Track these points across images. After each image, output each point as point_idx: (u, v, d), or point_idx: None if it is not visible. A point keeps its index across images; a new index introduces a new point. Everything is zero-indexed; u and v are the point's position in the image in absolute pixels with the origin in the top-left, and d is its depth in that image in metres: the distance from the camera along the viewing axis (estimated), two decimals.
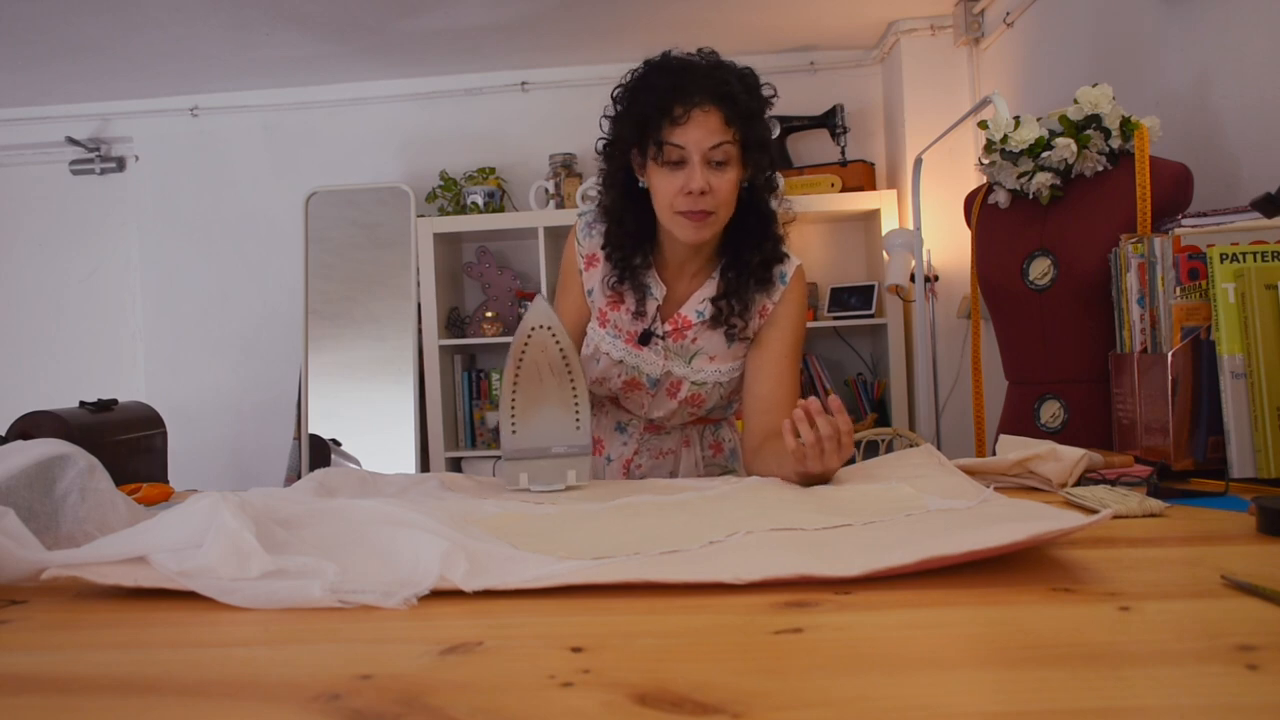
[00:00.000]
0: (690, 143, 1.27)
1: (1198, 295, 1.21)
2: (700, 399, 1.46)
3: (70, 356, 3.90)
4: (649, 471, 1.53)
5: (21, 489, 0.82)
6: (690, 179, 1.28)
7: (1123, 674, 0.50)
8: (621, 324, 1.44)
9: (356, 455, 3.36)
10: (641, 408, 1.48)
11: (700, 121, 1.27)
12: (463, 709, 0.48)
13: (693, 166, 1.28)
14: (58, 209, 3.93)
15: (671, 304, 1.44)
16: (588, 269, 1.46)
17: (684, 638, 0.59)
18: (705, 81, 1.28)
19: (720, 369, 1.44)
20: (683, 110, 1.27)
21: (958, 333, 3.12)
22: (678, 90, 1.27)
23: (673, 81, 1.28)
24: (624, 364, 1.43)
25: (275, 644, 0.61)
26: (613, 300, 1.44)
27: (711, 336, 1.43)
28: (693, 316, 1.43)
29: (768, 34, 3.39)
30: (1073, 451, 1.11)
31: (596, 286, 1.46)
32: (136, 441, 1.90)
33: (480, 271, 3.59)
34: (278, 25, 3.08)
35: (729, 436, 1.60)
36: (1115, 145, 1.64)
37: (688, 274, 1.44)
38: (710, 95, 1.27)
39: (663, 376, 1.44)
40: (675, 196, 1.30)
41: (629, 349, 1.43)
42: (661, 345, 1.43)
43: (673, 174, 1.30)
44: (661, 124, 1.27)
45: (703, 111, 1.27)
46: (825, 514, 0.90)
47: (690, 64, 1.31)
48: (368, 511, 0.87)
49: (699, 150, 1.27)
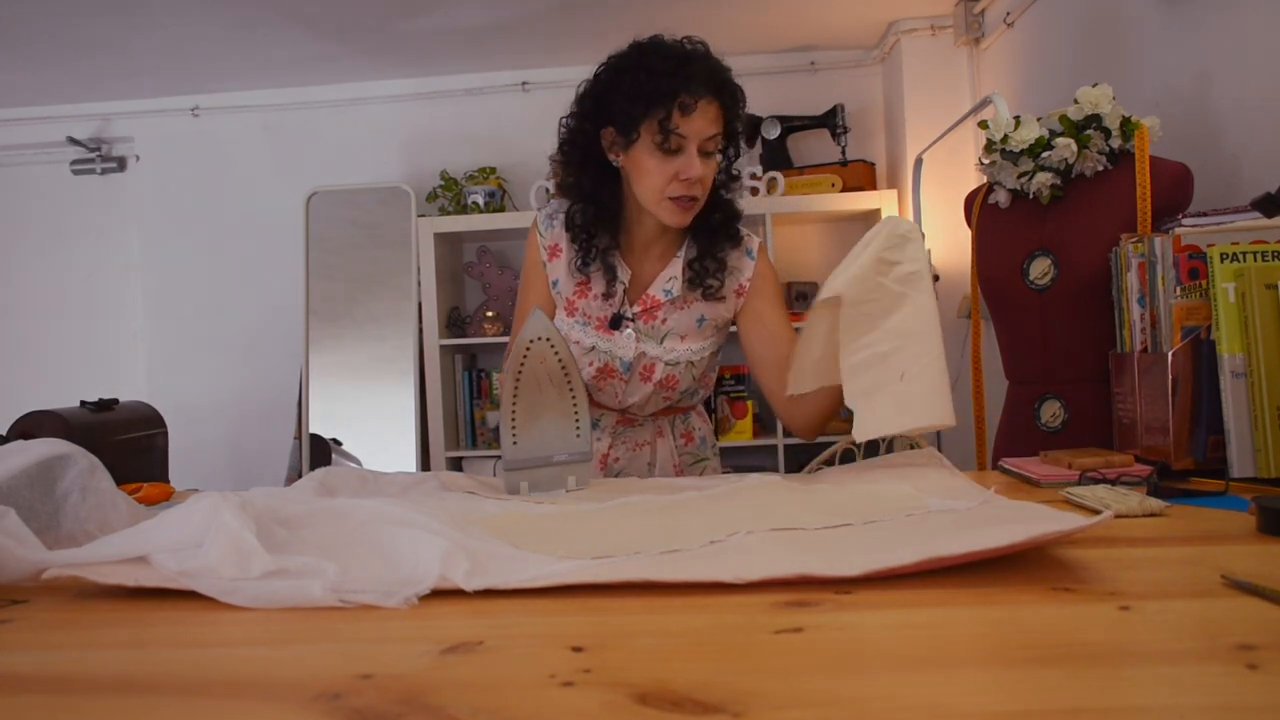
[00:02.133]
0: (693, 132, 1.30)
1: (1198, 295, 1.21)
2: (674, 380, 1.46)
3: (71, 356, 3.90)
4: (626, 464, 1.53)
5: (22, 488, 0.82)
6: (689, 166, 1.31)
7: (1123, 674, 0.50)
8: (591, 310, 1.45)
9: (357, 455, 3.36)
10: (615, 397, 1.49)
11: (704, 112, 1.30)
12: (463, 708, 0.48)
13: (690, 154, 1.31)
14: (59, 209, 3.93)
15: (638, 286, 1.46)
16: (551, 260, 1.47)
17: (684, 637, 0.59)
18: (708, 73, 1.31)
19: (691, 347, 1.46)
20: (691, 100, 1.29)
21: (958, 332, 3.12)
22: (685, 78, 1.29)
23: (678, 69, 1.30)
24: (596, 350, 1.44)
25: (276, 643, 0.61)
26: (580, 288, 1.45)
27: (681, 316, 1.45)
28: (661, 295, 1.44)
29: (768, 34, 3.39)
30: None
31: (562, 276, 1.46)
32: (137, 441, 1.91)
33: (481, 271, 3.59)
34: (279, 25, 3.08)
35: (699, 425, 1.61)
36: (1115, 145, 1.64)
37: (653, 255, 1.46)
38: (712, 87, 1.31)
39: (636, 359, 1.44)
40: (669, 182, 1.32)
41: (600, 335, 1.44)
42: (633, 327, 1.44)
43: (667, 160, 1.31)
44: (670, 110, 1.29)
45: (706, 102, 1.30)
46: (826, 514, 0.90)
47: (688, 52, 1.33)
48: (368, 511, 0.88)
49: (697, 139, 1.31)
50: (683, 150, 1.31)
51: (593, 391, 1.49)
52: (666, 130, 1.29)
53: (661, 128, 1.29)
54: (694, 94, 1.29)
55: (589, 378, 1.46)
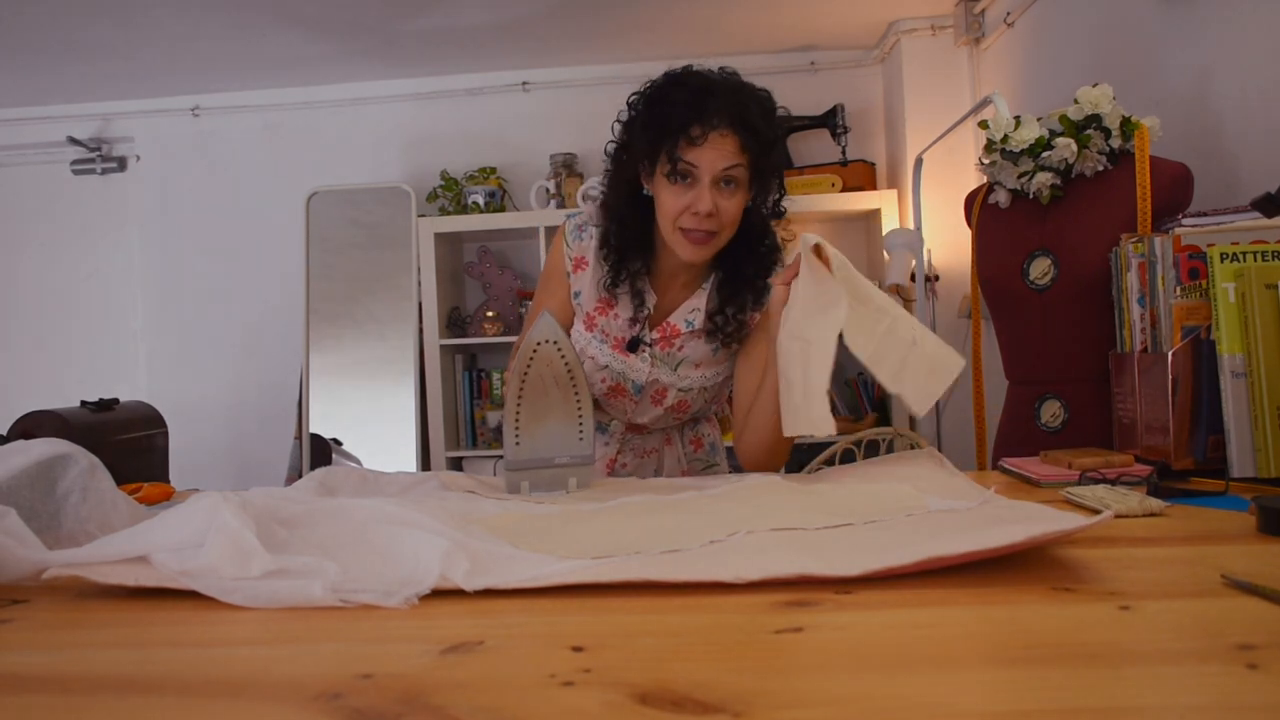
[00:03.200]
0: (704, 164, 1.27)
1: (1198, 295, 1.21)
2: (686, 405, 1.46)
3: (71, 356, 3.90)
4: (634, 470, 1.53)
5: (23, 488, 0.82)
6: (699, 200, 1.27)
7: (1123, 673, 0.50)
8: (610, 329, 1.44)
9: (357, 455, 3.36)
10: (625, 413, 1.49)
11: (716, 144, 1.26)
12: (464, 708, 0.48)
13: (702, 187, 1.27)
14: (59, 209, 3.93)
15: (660, 313, 1.44)
16: (576, 271, 1.46)
17: (685, 637, 0.59)
18: (725, 104, 1.27)
19: (706, 374, 1.45)
20: (701, 131, 1.26)
21: (958, 332, 3.12)
22: (697, 110, 1.26)
23: (693, 99, 1.27)
24: (610, 369, 1.43)
25: (276, 643, 0.61)
26: (603, 305, 1.44)
27: (698, 345, 1.44)
28: (681, 325, 1.43)
29: (768, 34, 3.39)
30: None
31: (586, 289, 1.45)
32: (138, 441, 1.91)
33: (481, 271, 3.59)
34: (279, 25, 3.08)
35: (708, 431, 1.60)
36: (1115, 145, 1.64)
37: (678, 284, 1.44)
38: (728, 119, 1.26)
39: (648, 384, 1.44)
40: (681, 214, 1.29)
41: (615, 355, 1.43)
42: (649, 353, 1.43)
43: (681, 191, 1.29)
44: (678, 141, 1.27)
45: (720, 135, 1.26)
46: (826, 513, 0.91)
47: (712, 83, 1.29)
48: (369, 511, 0.88)
49: (711, 172, 1.27)
50: (695, 181, 1.28)
51: (603, 405, 1.49)
52: (674, 160, 1.27)
53: (669, 158, 1.28)
54: (705, 125, 1.26)
55: (599, 394, 1.46)
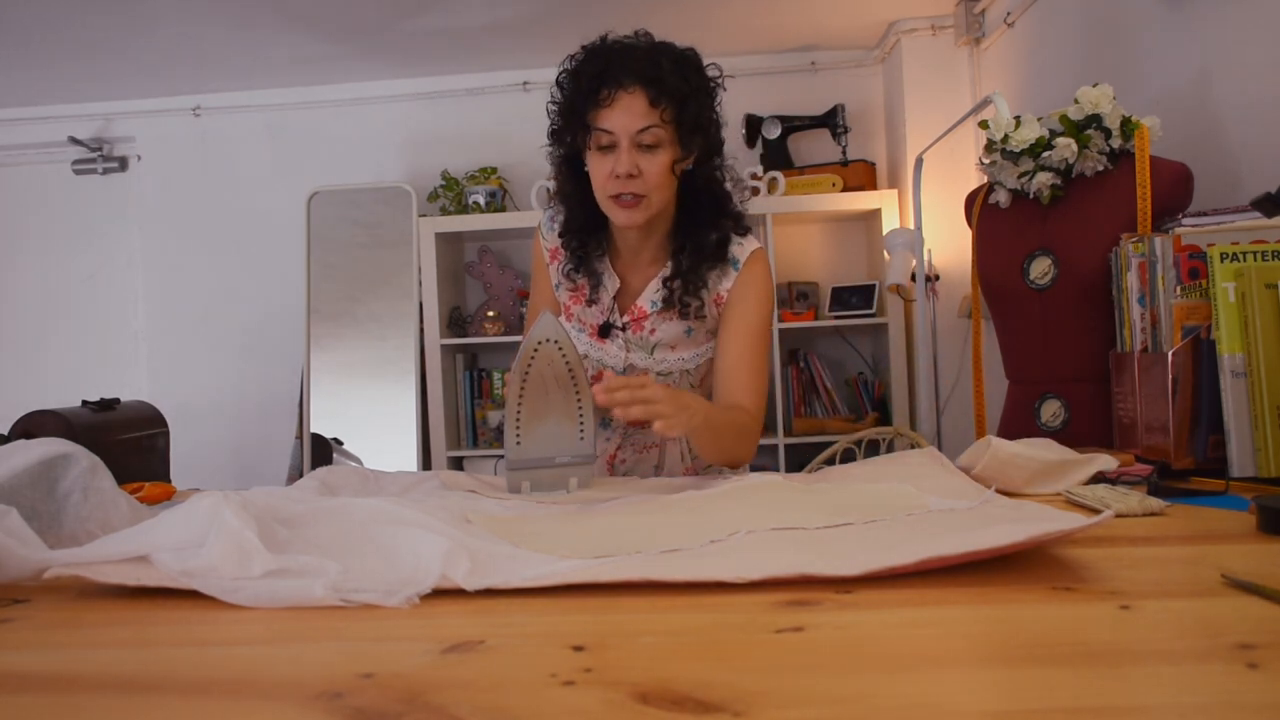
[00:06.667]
0: (618, 127, 1.26)
1: (1198, 294, 1.21)
2: None
3: (72, 356, 3.90)
4: (633, 466, 1.53)
5: (24, 488, 0.82)
6: (619, 162, 1.27)
7: (1123, 673, 0.50)
8: (585, 317, 1.45)
9: (358, 454, 3.36)
10: None
11: (626, 104, 1.25)
12: (464, 708, 0.48)
13: (620, 150, 1.27)
14: (60, 209, 3.94)
15: (628, 296, 1.44)
16: (552, 263, 1.47)
17: (685, 636, 0.59)
18: (632, 63, 1.26)
19: (684, 356, 1.44)
20: (608, 93, 1.25)
21: (958, 332, 3.12)
22: (604, 74, 1.26)
23: (601, 65, 1.27)
24: (589, 357, 1.44)
25: (277, 643, 0.61)
26: (574, 293, 1.45)
27: (670, 326, 1.42)
28: (648, 306, 1.42)
29: (768, 34, 3.39)
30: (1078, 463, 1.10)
31: (559, 279, 1.46)
32: (139, 441, 1.91)
33: (482, 271, 3.59)
34: (279, 25, 3.08)
35: None
36: (1115, 145, 1.64)
37: (642, 264, 1.43)
38: (636, 77, 1.25)
39: (626, 370, 1.43)
40: (606, 181, 1.29)
41: (592, 342, 1.44)
42: (622, 337, 1.43)
43: (604, 158, 1.29)
44: (589, 108, 1.27)
45: (628, 94, 1.25)
46: (826, 513, 0.91)
47: (621, 46, 1.29)
48: (369, 510, 0.88)
49: (626, 133, 1.26)
50: (615, 147, 1.27)
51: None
52: (589, 127, 1.27)
53: (587, 127, 1.28)
54: (612, 87, 1.25)
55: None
